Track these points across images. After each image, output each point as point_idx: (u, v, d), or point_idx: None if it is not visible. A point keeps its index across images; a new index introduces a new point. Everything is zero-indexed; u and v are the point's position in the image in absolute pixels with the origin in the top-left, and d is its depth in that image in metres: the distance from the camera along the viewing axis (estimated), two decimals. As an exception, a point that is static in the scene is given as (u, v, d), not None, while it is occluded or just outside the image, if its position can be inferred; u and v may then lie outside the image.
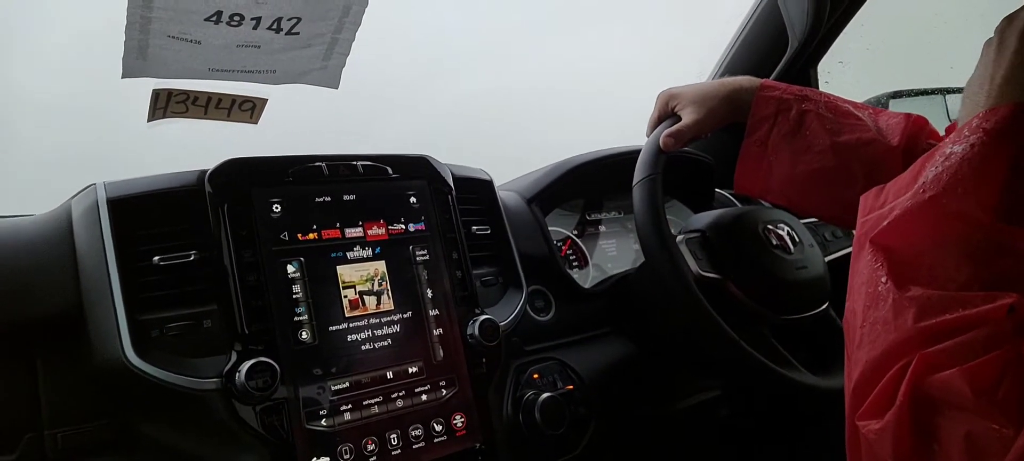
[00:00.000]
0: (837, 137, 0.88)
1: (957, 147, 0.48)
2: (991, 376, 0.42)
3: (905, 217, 0.49)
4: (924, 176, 0.49)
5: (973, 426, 0.41)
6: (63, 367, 0.75)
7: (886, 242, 0.51)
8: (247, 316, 0.78)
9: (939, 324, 0.45)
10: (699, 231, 1.02)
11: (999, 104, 0.48)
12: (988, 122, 0.47)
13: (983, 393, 0.41)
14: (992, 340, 0.43)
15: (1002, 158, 0.46)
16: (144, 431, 0.76)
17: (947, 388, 0.43)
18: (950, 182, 0.47)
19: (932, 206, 0.48)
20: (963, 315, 0.44)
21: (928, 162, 0.50)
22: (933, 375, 0.43)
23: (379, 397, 0.83)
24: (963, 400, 0.42)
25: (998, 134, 0.47)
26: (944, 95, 1.64)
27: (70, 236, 0.80)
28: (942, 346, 0.44)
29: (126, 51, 0.76)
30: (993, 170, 0.46)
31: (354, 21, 0.84)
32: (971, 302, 0.44)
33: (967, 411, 0.42)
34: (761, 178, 0.95)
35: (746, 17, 1.43)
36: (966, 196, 0.46)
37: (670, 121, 0.96)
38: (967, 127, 0.49)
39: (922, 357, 0.44)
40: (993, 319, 0.43)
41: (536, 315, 1.05)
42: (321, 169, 0.90)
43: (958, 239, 0.47)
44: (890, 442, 0.45)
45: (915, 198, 0.49)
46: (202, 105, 0.85)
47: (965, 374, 0.42)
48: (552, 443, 0.94)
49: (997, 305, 0.43)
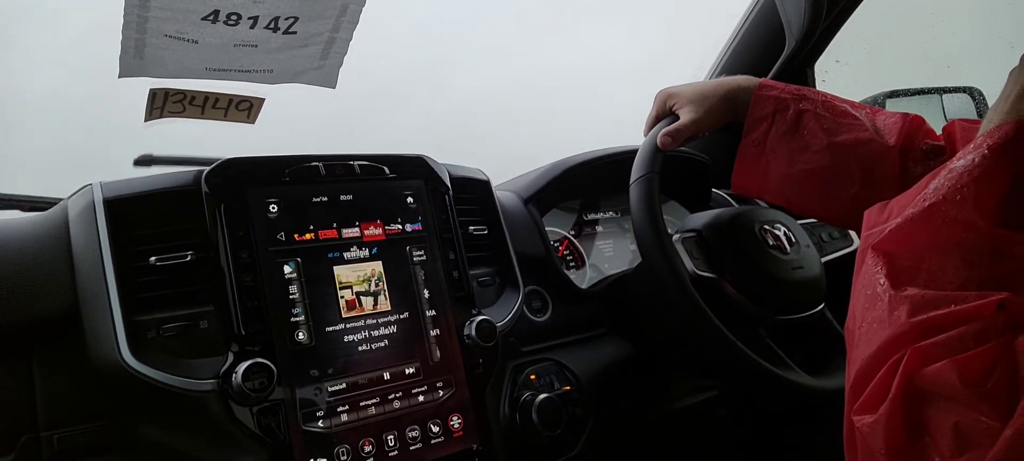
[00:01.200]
0: (834, 137, 0.88)
1: (961, 162, 0.49)
2: (981, 368, 0.43)
3: (906, 224, 0.50)
4: (927, 190, 0.50)
5: (961, 417, 0.42)
6: (59, 368, 0.75)
7: (886, 248, 0.51)
8: (244, 317, 0.78)
9: (931, 319, 0.45)
10: (696, 231, 1.02)
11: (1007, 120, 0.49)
12: (992, 138, 0.48)
13: (972, 385, 0.42)
14: (983, 334, 0.43)
15: (1004, 171, 0.47)
16: (141, 432, 0.76)
17: (938, 380, 0.43)
18: (950, 191, 0.48)
19: (932, 213, 0.48)
20: (955, 311, 0.45)
21: (933, 178, 0.51)
22: (925, 368, 0.44)
23: (376, 398, 0.83)
24: (953, 391, 0.43)
25: (1000, 149, 0.48)
26: (940, 94, 1.64)
27: (66, 236, 0.79)
28: (934, 340, 0.45)
29: (123, 50, 0.76)
30: (994, 181, 0.47)
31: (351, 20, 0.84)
32: (963, 299, 0.45)
33: (956, 402, 0.43)
34: (758, 177, 0.95)
35: (743, 16, 1.43)
36: (965, 204, 0.47)
37: (668, 120, 0.96)
38: (973, 144, 0.50)
39: (914, 350, 0.45)
40: (984, 315, 0.44)
41: (533, 315, 1.05)
42: (318, 169, 0.89)
43: (956, 244, 0.48)
44: (883, 434, 0.45)
45: (916, 206, 0.50)
46: (199, 105, 0.85)
47: (955, 366, 0.43)
48: (549, 444, 0.94)
49: (986, 301, 0.44)
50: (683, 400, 1.17)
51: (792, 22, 1.29)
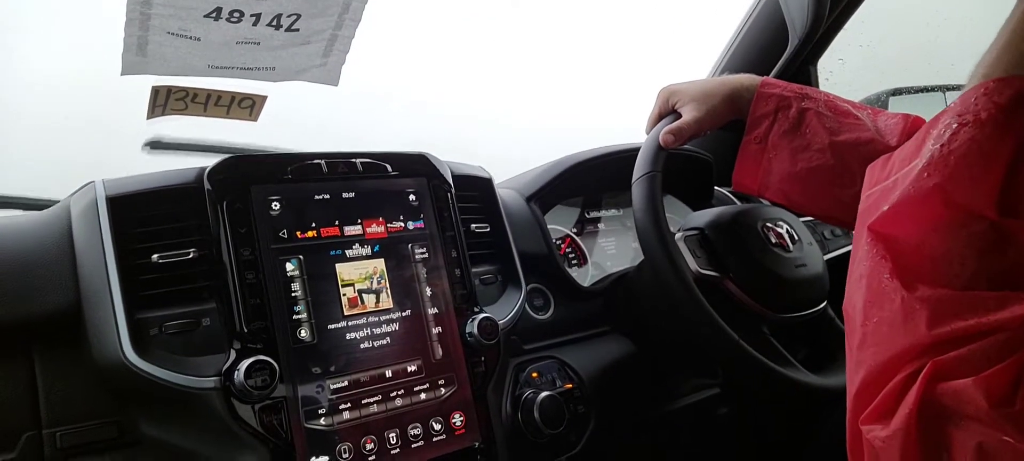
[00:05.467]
0: (836, 136, 0.88)
1: (965, 119, 0.46)
2: (1007, 386, 0.41)
3: (906, 204, 0.48)
4: (926, 148, 0.47)
5: (986, 437, 0.41)
6: (62, 366, 0.75)
7: (886, 230, 0.49)
8: (246, 314, 0.78)
9: (953, 332, 0.43)
10: (698, 229, 1.02)
11: (994, 70, 0.46)
12: (1001, 96, 0.45)
13: (999, 404, 0.41)
14: (1007, 346, 0.42)
15: (1008, 143, 0.44)
16: (143, 430, 0.76)
17: (961, 398, 0.42)
18: (956, 169, 0.45)
19: (936, 195, 0.46)
20: (978, 323, 0.43)
21: (931, 129, 0.48)
22: (945, 383, 0.43)
23: (378, 396, 0.83)
24: (977, 411, 0.41)
25: (1009, 111, 0.44)
26: (944, 92, 1.64)
27: (69, 234, 0.79)
28: (955, 354, 0.43)
29: (125, 48, 0.76)
30: (999, 156, 0.44)
31: (354, 17, 0.84)
32: (984, 306, 0.43)
33: (981, 422, 0.41)
34: (760, 176, 0.95)
35: (747, 14, 1.43)
36: (972, 185, 0.45)
37: (670, 118, 0.96)
38: (974, 94, 0.46)
39: (934, 364, 0.43)
40: (1009, 326, 0.42)
41: (535, 313, 1.05)
42: (320, 166, 0.89)
43: (961, 230, 0.46)
44: (898, 451, 0.44)
45: (917, 183, 0.47)
46: (201, 102, 0.85)
47: (980, 384, 0.41)
48: (551, 442, 0.94)
49: (1011, 314, 0.42)
50: (685, 398, 1.17)
51: (795, 20, 1.29)
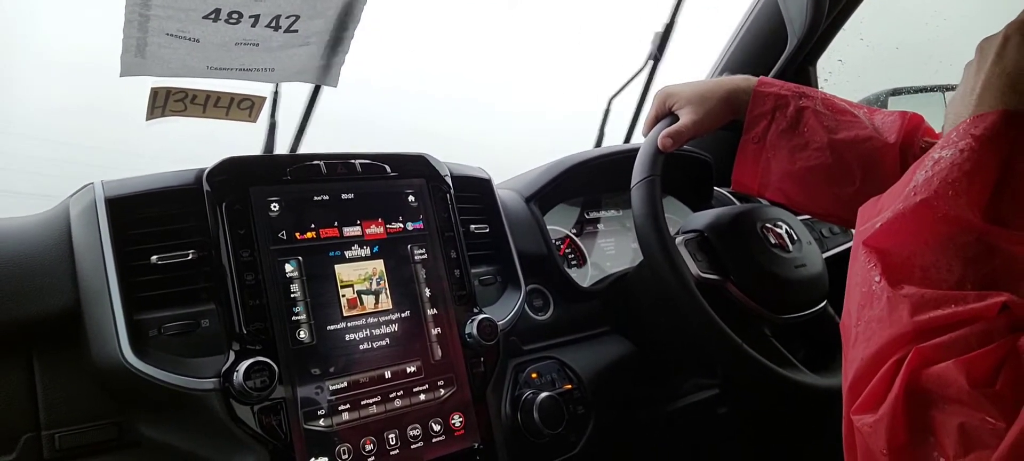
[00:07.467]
0: (834, 134, 0.88)
1: (946, 152, 0.50)
2: (987, 369, 0.43)
3: (897, 219, 0.50)
4: (915, 180, 0.50)
5: (967, 417, 0.42)
6: (61, 367, 0.75)
7: (879, 244, 0.52)
8: (245, 315, 0.78)
9: (934, 320, 0.46)
10: (698, 231, 1.02)
11: (981, 111, 0.50)
12: (977, 128, 0.49)
13: (979, 385, 0.42)
14: (986, 335, 0.44)
15: (992, 163, 0.48)
16: (142, 431, 0.76)
17: (943, 380, 0.44)
18: (941, 186, 0.48)
19: (923, 208, 0.49)
20: (957, 311, 0.45)
21: (918, 167, 0.51)
22: (928, 368, 0.44)
23: (377, 397, 0.83)
24: (959, 392, 0.43)
25: (987, 139, 0.49)
26: (943, 92, 1.64)
27: (68, 235, 0.79)
28: (937, 341, 0.45)
29: (124, 49, 0.76)
30: (983, 174, 0.48)
31: (354, 19, 0.84)
32: (965, 299, 0.45)
33: (962, 403, 0.43)
34: (759, 175, 0.95)
35: (745, 14, 1.43)
36: (957, 198, 0.48)
37: (668, 120, 0.95)
38: (955, 132, 0.50)
39: (917, 351, 0.45)
40: (987, 316, 0.44)
41: (534, 314, 1.05)
42: (319, 168, 0.89)
43: (949, 240, 0.48)
44: (884, 434, 0.45)
45: (906, 201, 0.50)
46: (201, 103, 0.85)
47: (961, 366, 0.43)
48: (550, 442, 0.94)
49: (989, 303, 0.44)
50: (684, 399, 1.17)
51: (794, 20, 1.28)
